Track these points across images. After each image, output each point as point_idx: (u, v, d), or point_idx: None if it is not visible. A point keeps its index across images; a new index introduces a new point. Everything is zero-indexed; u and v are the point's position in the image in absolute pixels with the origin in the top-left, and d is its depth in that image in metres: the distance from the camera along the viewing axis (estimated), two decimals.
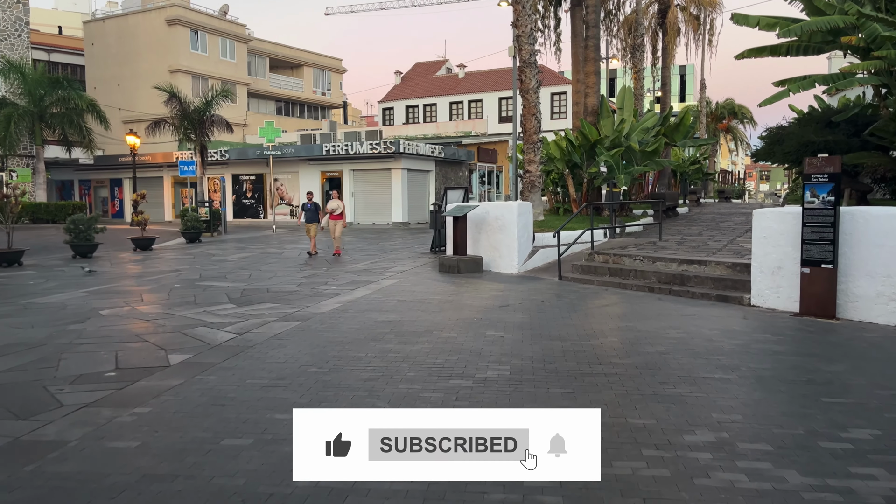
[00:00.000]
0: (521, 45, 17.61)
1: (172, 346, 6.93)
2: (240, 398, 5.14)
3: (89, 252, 16.73)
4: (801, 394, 5.19)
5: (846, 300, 8.21)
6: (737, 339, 7.04)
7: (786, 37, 15.96)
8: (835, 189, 8.18)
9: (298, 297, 10.18)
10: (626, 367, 5.93)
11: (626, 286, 10.81)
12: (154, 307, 9.39)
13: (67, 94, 31.90)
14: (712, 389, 5.26)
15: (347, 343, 6.93)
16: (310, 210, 17.11)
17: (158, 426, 4.56)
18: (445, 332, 7.45)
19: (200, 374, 5.83)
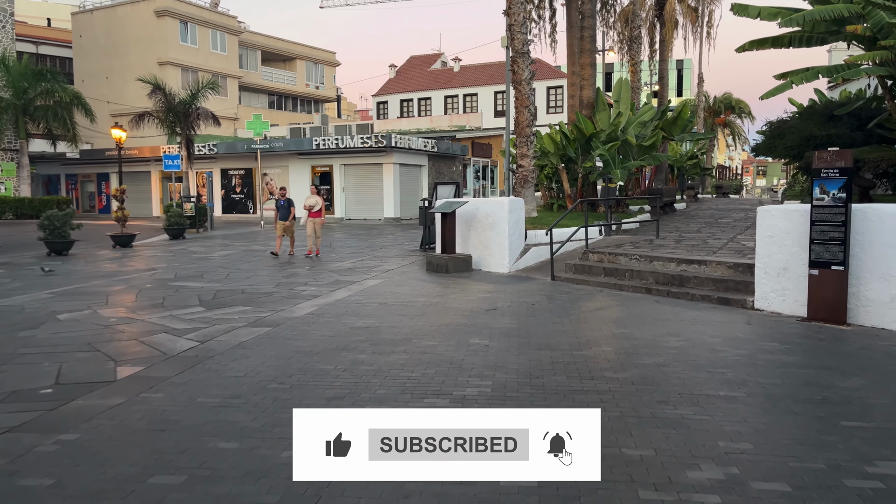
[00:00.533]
0: (514, 35, 16.98)
1: (125, 357, 6.33)
2: (184, 421, 4.54)
3: (65, 249, 16.09)
4: (817, 416, 4.61)
5: (857, 304, 7.64)
6: (742, 349, 6.46)
7: (788, 27, 15.34)
8: (846, 185, 7.59)
9: (274, 299, 9.57)
10: (621, 382, 5.35)
11: (621, 287, 10.22)
12: (117, 311, 8.77)
13: (51, 86, 31.16)
14: (717, 410, 4.68)
15: (316, 353, 6.34)
16: (283, 207, 15.72)
17: (81, 458, 3.96)
18: (426, 339, 6.86)
19: (146, 391, 5.23)
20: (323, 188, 30.28)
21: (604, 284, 10.51)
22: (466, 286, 10.72)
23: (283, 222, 15.53)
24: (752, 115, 58.13)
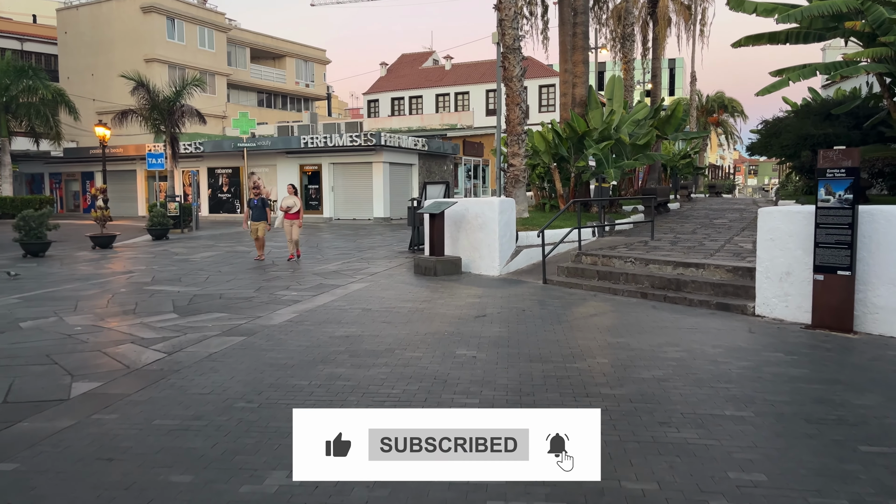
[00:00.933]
0: (505, 30, 16.56)
1: (83, 371, 5.86)
2: (136, 448, 4.09)
3: (41, 251, 15.56)
4: (834, 439, 4.22)
5: (865, 311, 7.26)
6: (745, 360, 6.06)
7: (785, 22, 14.99)
8: (853, 186, 7.21)
9: (252, 304, 9.11)
10: (618, 400, 4.94)
11: (616, 291, 9.82)
12: (84, 318, 8.29)
13: (33, 83, 30.51)
14: (725, 434, 4.27)
15: (291, 366, 5.89)
16: (256, 207, 14.44)
17: (13, 494, 3.51)
18: (409, 350, 6.42)
19: (100, 412, 4.78)
20: (311, 187, 29.81)
21: (597, 288, 10.11)
22: (455, 290, 10.29)
23: (257, 223, 14.39)
24: (744, 114, 57.94)
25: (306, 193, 29.78)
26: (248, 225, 14.45)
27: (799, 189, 25.69)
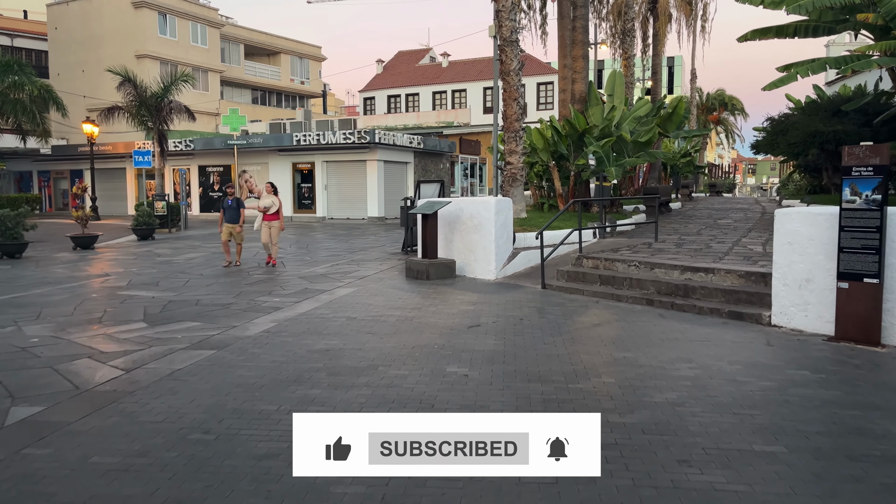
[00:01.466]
0: (502, 21, 15.89)
1: (26, 392, 5.22)
2: (60, 495, 3.46)
3: (17, 252, 14.90)
4: (883, 483, 3.59)
5: (894, 323, 6.64)
6: (768, 380, 5.43)
7: (794, 14, 14.38)
8: (882, 185, 6.59)
9: (229, 312, 8.47)
10: (629, 430, 4.30)
11: (620, 297, 9.19)
12: (45, 327, 7.64)
13: (19, 79, 29.76)
14: (756, 475, 3.64)
15: (260, 387, 5.25)
16: (230, 208, 13.21)
17: None
18: (394, 367, 5.79)
19: (32, 445, 4.14)
20: (304, 186, 29.15)
21: (600, 294, 9.47)
22: (448, 296, 9.65)
23: (231, 225, 13.12)
24: (745, 113, 57.32)
25: (299, 192, 29.11)
26: (223, 227, 13.23)
27: (802, 188, 25.08)
